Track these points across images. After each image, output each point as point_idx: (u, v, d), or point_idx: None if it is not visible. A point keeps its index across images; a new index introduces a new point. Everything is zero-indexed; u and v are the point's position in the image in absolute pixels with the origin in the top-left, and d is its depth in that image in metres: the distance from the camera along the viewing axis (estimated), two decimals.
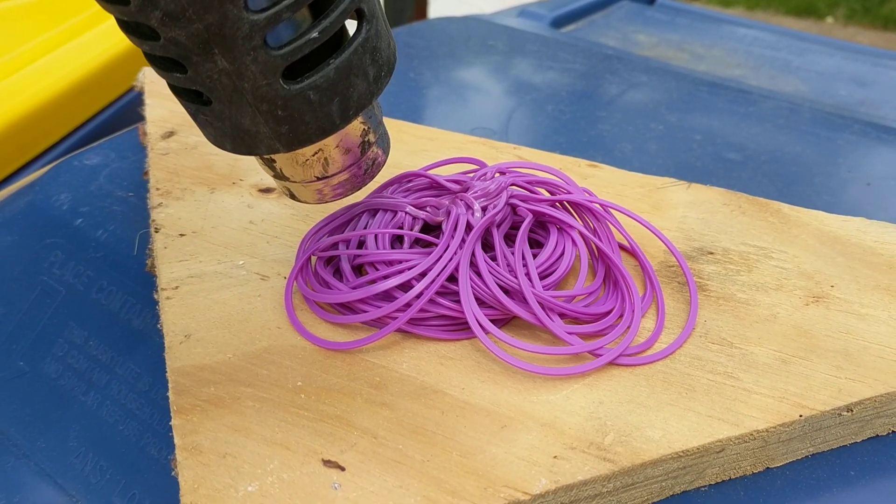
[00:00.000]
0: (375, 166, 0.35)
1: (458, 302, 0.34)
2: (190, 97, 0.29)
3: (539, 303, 0.34)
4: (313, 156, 0.32)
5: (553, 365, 0.33)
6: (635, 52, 0.84)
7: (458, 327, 0.35)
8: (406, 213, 0.38)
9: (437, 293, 0.35)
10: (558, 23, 0.92)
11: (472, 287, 0.34)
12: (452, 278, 0.35)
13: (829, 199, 0.53)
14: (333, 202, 0.35)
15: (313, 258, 0.38)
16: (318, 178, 0.33)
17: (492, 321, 0.34)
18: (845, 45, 0.90)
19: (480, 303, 0.34)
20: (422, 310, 0.34)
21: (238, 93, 0.27)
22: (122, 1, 0.25)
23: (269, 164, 0.33)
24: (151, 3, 0.24)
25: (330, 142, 0.31)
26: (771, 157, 0.59)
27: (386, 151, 0.35)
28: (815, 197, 0.53)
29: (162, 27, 0.25)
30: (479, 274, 0.35)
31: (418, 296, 0.34)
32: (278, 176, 0.33)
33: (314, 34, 0.27)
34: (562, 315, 0.35)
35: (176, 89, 0.29)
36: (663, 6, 1.03)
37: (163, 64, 0.28)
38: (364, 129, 0.32)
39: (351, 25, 0.30)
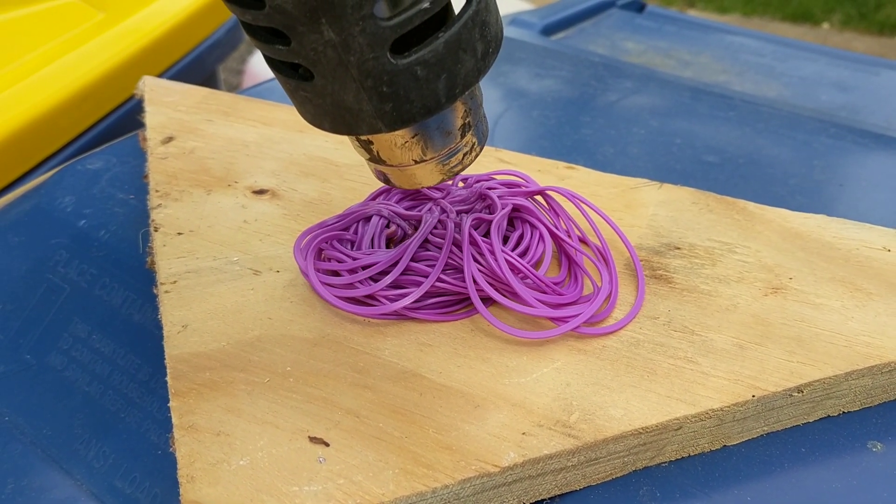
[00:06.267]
0: (473, 152, 0.33)
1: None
2: (289, 72, 0.28)
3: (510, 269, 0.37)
4: (412, 138, 0.30)
5: (525, 327, 0.36)
6: (623, 59, 0.86)
7: (451, 309, 0.38)
8: (398, 224, 0.41)
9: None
10: (548, 31, 0.94)
11: (448, 259, 0.38)
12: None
13: (802, 199, 0.55)
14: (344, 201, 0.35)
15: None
16: (416, 162, 0.31)
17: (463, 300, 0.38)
18: (830, 51, 0.92)
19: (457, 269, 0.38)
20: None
21: (343, 66, 0.26)
22: None
23: (366, 146, 0.31)
24: None
25: (431, 123, 0.30)
26: (748, 160, 0.61)
27: (483, 138, 0.33)
28: (789, 198, 0.55)
29: None
30: (459, 247, 0.38)
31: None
32: (374, 159, 0.32)
33: (425, 4, 0.26)
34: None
35: (274, 63, 0.28)
36: (652, 14, 1.05)
37: (264, 36, 0.27)
38: (465, 110, 0.31)
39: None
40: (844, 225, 0.44)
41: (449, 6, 0.28)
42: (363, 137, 0.31)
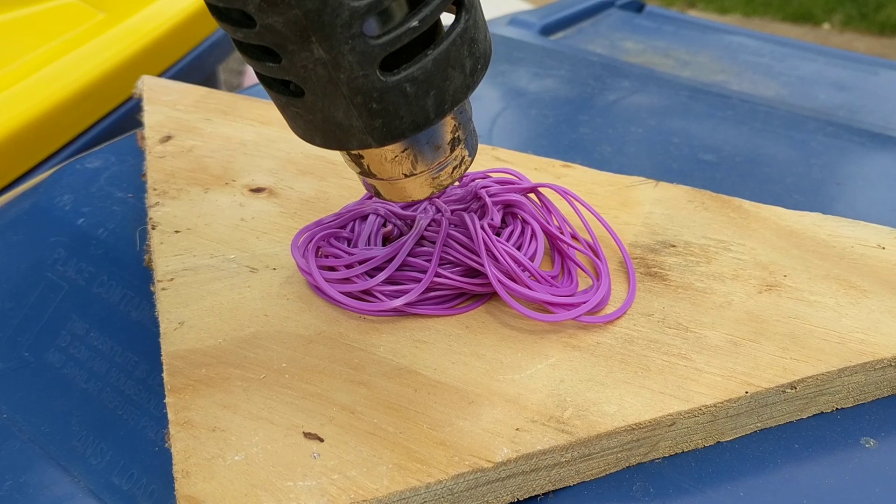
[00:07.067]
0: (463, 165, 0.33)
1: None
2: (280, 88, 0.28)
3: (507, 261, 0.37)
4: (402, 152, 0.31)
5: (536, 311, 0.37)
6: (622, 58, 0.86)
7: (449, 304, 0.38)
8: (394, 224, 0.41)
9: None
10: (547, 30, 0.94)
11: (442, 255, 0.38)
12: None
13: (799, 198, 0.55)
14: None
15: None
16: (406, 176, 0.32)
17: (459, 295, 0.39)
18: (828, 51, 0.92)
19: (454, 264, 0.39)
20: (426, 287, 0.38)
21: (333, 84, 0.26)
22: None
23: (357, 160, 0.32)
24: None
25: (421, 138, 0.30)
26: (745, 159, 0.61)
27: (473, 151, 0.34)
28: (786, 196, 0.55)
29: (259, 13, 0.24)
30: (459, 244, 0.38)
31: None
32: (365, 173, 0.32)
33: (414, 23, 0.26)
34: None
35: (265, 80, 0.28)
36: (651, 14, 1.05)
37: (255, 53, 0.27)
38: (455, 124, 0.31)
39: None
40: (839, 223, 0.44)
41: (438, 24, 0.29)
42: (354, 152, 0.31)
